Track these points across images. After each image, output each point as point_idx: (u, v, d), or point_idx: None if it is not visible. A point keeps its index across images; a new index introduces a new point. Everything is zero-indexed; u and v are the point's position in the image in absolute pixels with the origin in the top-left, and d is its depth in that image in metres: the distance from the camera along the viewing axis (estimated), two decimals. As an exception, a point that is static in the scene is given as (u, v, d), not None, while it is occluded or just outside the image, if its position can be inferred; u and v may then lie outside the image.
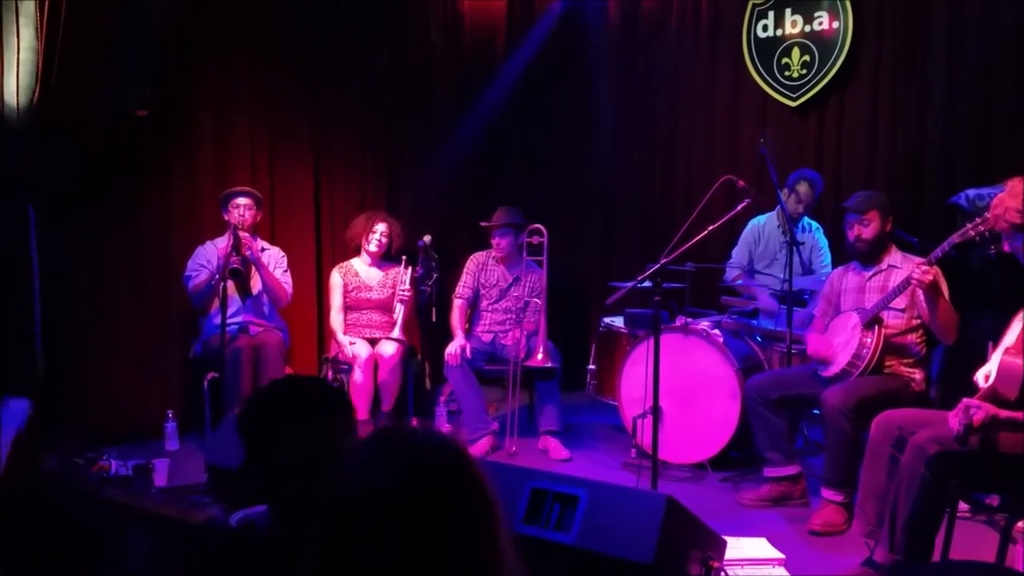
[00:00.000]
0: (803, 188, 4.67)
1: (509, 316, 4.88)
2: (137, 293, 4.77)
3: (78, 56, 4.11)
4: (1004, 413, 2.67)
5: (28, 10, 3.99)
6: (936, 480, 2.80)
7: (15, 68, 4.01)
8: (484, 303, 4.95)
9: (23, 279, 4.25)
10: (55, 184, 4.27)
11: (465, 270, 4.99)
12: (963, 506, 3.14)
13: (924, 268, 3.29)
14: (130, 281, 4.75)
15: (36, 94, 4.04)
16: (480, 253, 5.02)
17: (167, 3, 4.59)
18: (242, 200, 4.62)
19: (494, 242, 4.88)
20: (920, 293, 3.44)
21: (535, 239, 4.73)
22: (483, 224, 4.93)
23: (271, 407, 1.58)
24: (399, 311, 4.82)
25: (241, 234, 4.45)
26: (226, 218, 4.62)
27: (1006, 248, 2.91)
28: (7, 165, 4.11)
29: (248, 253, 4.48)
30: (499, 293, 4.91)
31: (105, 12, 4.23)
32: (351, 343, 4.78)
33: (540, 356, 4.51)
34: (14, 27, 3.98)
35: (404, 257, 4.93)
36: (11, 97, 4.04)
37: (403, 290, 4.86)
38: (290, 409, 1.56)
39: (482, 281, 4.95)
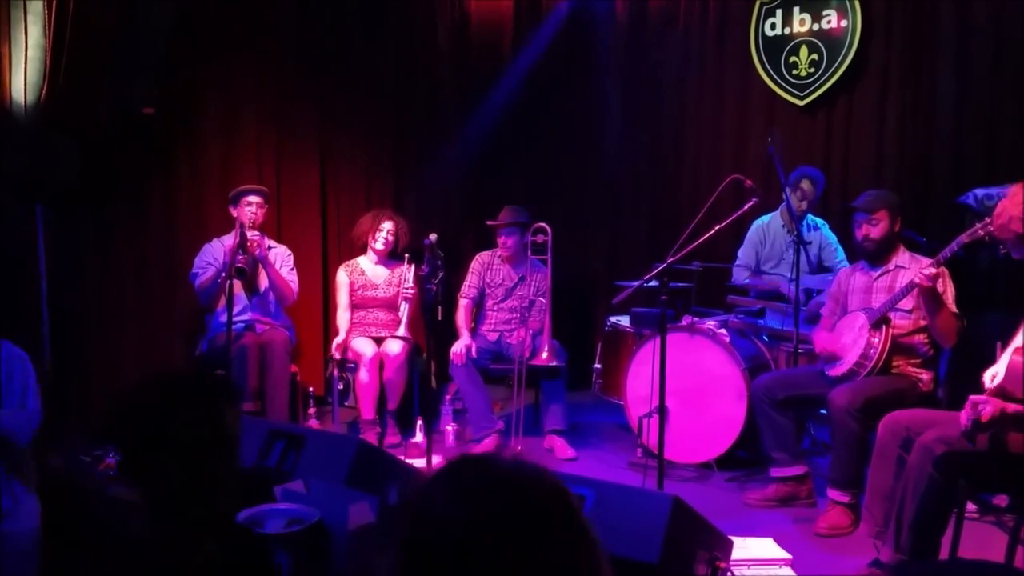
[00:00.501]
0: (806, 185, 4.65)
1: (514, 315, 4.87)
2: (144, 291, 4.78)
3: (85, 54, 4.12)
4: (1012, 407, 2.66)
5: (36, 8, 4.01)
6: (943, 480, 2.78)
7: (23, 66, 4.03)
8: (489, 302, 4.94)
9: (30, 277, 4.27)
10: (62, 182, 4.28)
11: (470, 270, 4.98)
12: (971, 507, 3.12)
13: (927, 271, 3.28)
14: (137, 279, 4.77)
15: (43, 92, 4.05)
16: (485, 252, 5.02)
17: (174, 2, 4.60)
18: (253, 198, 4.63)
19: (500, 241, 4.88)
20: (921, 297, 3.43)
21: (539, 238, 4.72)
22: (489, 223, 4.93)
23: (150, 407, 1.56)
24: (404, 309, 4.83)
25: (249, 233, 4.46)
26: (234, 214, 4.63)
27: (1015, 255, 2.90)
28: (15, 163, 4.12)
29: (257, 252, 4.49)
30: (504, 292, 4.91)
31: (112, 10, 4.25)
32: (351, 343, 4.82)
33: (545, 355, 4.50)
34: (22, 25, 4.00)
35: (407, 255, 4.93)
36: (19, 95, 4.05)
37: (407, 288, 4.87)
38: (171, 405, 1.55)
39: (487, 280, 4.94)
